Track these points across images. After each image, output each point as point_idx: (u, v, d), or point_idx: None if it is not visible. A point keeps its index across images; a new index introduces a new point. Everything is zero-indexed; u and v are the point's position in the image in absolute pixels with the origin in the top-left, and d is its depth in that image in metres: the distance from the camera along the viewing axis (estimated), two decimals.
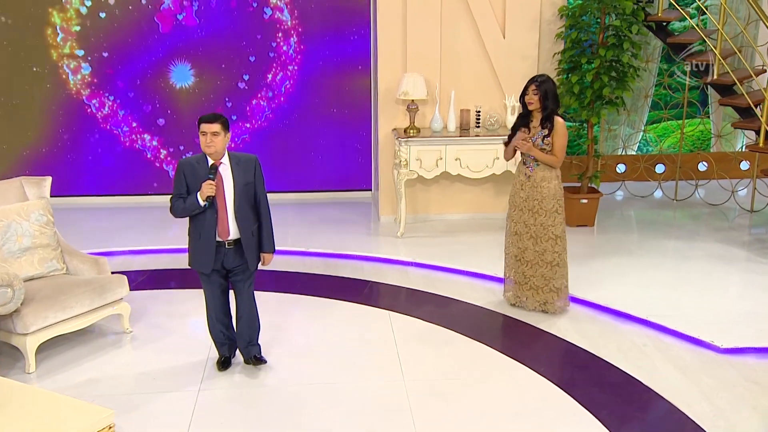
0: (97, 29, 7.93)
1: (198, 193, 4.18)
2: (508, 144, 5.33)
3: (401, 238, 7.10)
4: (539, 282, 5.35)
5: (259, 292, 4.79)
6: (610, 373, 4.58)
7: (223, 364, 4.63)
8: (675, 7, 7.04)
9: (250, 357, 4.62)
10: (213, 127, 4.17)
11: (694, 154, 9.01)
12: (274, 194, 7.81)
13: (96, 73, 8.05)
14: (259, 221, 4.39)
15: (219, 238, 4.29)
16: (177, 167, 4.32)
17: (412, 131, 7.05)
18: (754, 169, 8.13)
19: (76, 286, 4.82)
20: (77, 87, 8.08)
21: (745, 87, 7.00)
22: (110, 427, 3.35)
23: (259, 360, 4.61)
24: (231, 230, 4.29)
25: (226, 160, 4.29)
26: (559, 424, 4.05)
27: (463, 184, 7.53)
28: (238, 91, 8.22)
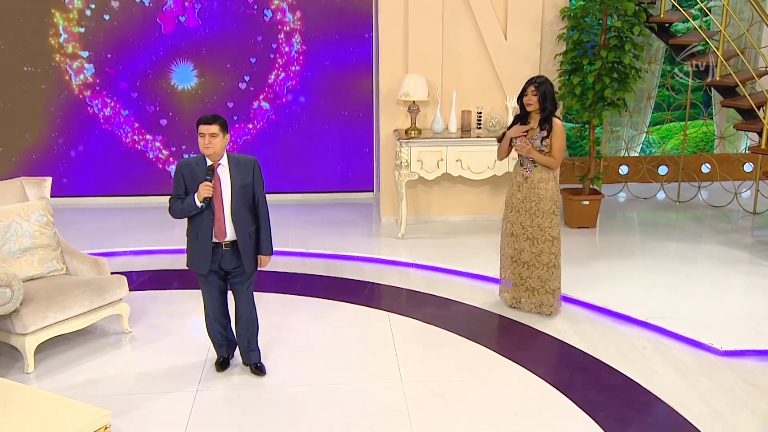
0: (101, 30, 7.95)
1: (195, 194, 4.19)
2: (501, 140, 5.31)
3: (402, 239, 7.10)
4: (535, 283, 5.34)
5: (260, 293, 4.80)
6: (609, 376, 4.57)
7: (222, 365, 4.64)
8: (677, 8, 7.03)
9: (250, 364, 4.62)
10: (211, 128, 4.17)
11: (697, 155, 8.98)
12: (275, 195, 7.90)
13: (99, 74, 8.08)
14: (257, 223, 4.38)
15: (216, 240, 4.28)
16: (176, 168, 4.33)
17: (413, 132, 7.04)
18: (757, 171, 8.10)
19: (75, 287, 4.83)
20: (80, 87, 8.10)
21: (748, 89, 6.98)
22: (106, 428, 3.37)
23: (258, 369, 4.59)
24: (228, 232, 4.28)
25: (224, 162, 4.29)
26: (557, 426, 4.04)
27: (465, 186, 7.53)
28: (240, 92, 8.24)
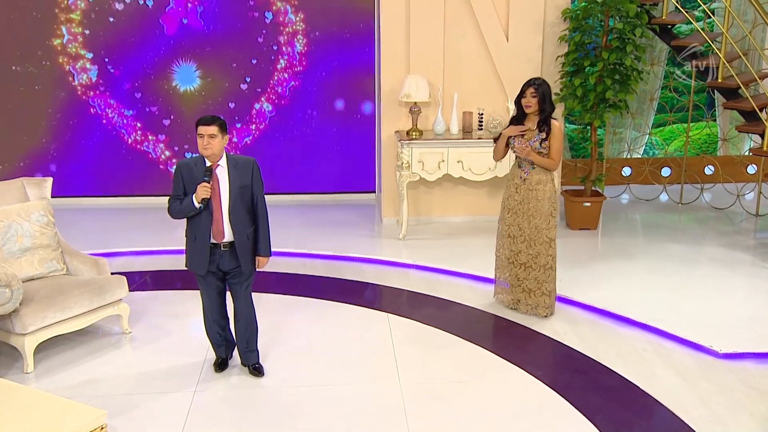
0: (104, 32, 7.98)
1: (193, 195, 4.19)
2: (498, 140, 5.30)
3: (403, 241, 7.10)
4: (532, 285, 5.33)
5: (260, 294, 4.79)
6: (608, 378, 4.56)
7: (220, 365, 4.64)
8: (680, 10, 7.01)
9: (248, 365, 4.62)
10: (210, 129, 4.17)
11: (700, 157, 8.96)
12: (276, 196, 7.92)
13: (102, 75, 8.10)
14: (255, 224, 4.38)
15: (214, 240, 4.28)
16: (175, 169, 4.34)
17: (414, 133, 7.04)
18: (760, 173, 8.07)
19: (75, 287, 4.84)
20: (82, 88, 8.13)
21: (751, 91, 6.96)
22: (102, 428, 3.37)
23: (256, 370, 4.59)
24: (226, 232, 4.28)
25: (223, 162, 4.29)
26: (556, 428, 4.03)
27: (466, 187, 7.52)
28: (242, 93, 8.25)
